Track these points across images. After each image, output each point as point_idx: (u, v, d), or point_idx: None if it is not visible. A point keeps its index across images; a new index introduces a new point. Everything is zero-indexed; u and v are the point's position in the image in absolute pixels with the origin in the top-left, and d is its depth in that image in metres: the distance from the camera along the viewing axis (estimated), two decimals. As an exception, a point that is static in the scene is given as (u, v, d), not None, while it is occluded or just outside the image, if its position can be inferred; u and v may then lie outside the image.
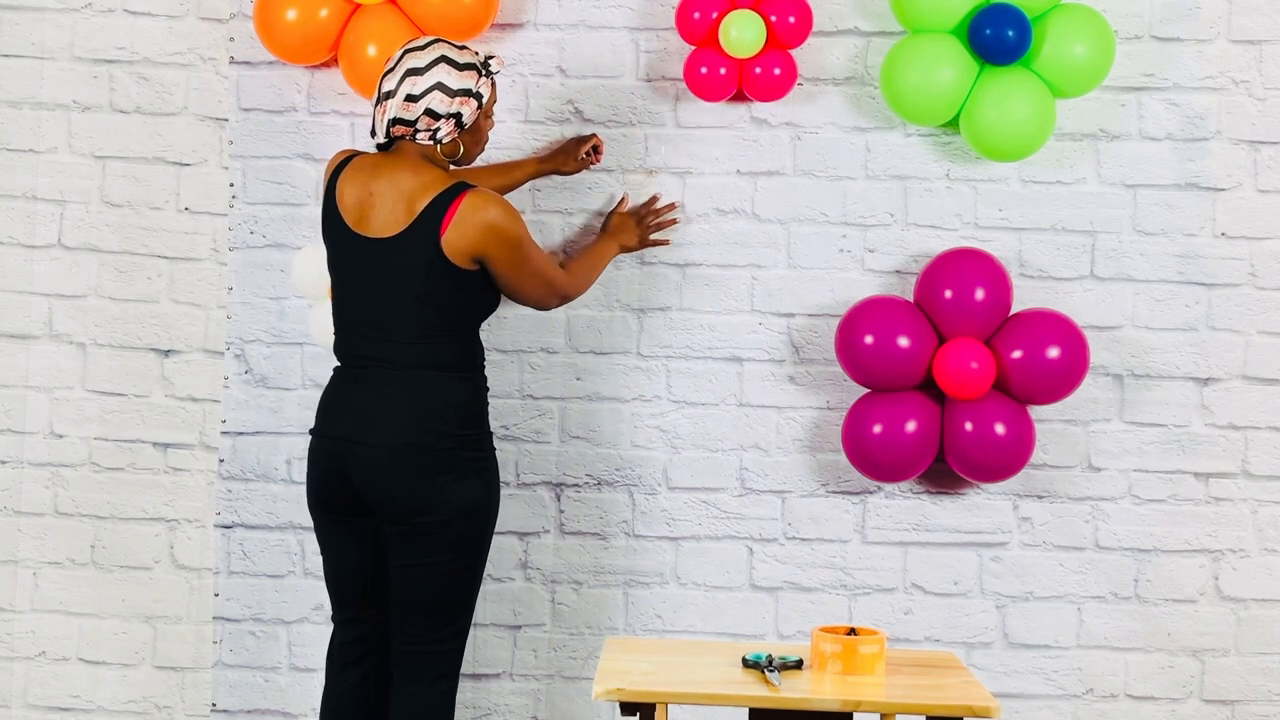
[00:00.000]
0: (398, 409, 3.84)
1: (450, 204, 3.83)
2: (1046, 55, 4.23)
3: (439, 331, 3.87)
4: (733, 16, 4.24)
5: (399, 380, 3.86)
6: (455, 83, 3.87)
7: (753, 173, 4.46)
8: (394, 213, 3.86)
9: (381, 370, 3.87)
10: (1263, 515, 4.46)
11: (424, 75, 3.85)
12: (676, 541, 4.48)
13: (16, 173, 4.51)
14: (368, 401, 3.87)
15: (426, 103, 3.85)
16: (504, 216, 3.85)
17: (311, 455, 3.95)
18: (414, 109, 3.86)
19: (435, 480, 3.83)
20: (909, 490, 4.47)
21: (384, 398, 3.85)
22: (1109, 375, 4.45)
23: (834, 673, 3.55)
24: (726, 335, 4.47)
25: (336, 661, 4.04)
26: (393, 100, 3.86)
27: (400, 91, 3.86)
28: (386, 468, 3.83)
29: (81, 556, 4.54)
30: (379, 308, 3.87)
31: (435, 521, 3.84)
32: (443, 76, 3.86)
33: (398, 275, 3.85)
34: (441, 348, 3.88)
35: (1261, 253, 4.45)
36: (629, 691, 3.43)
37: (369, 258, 3.88)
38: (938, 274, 4.33)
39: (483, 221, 3.83)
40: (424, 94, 3.85)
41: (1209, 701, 4.46)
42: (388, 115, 3.87)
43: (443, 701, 3.93)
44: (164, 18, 4.50)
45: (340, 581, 4.00)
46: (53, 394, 4.53)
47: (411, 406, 3.85)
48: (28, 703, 4.55)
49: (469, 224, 3.82)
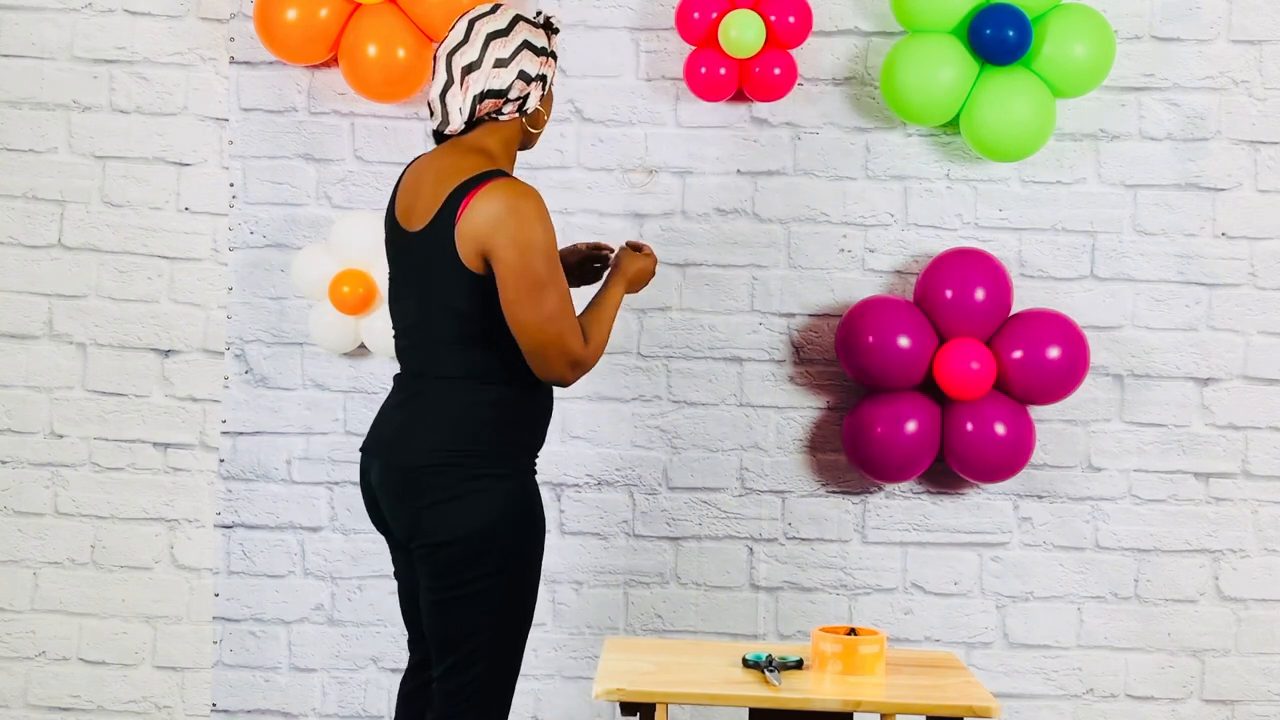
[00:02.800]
0: (399, 421, 3.46)
1: (471, 190, 3.34)
2: (1046, 55, 4.23)
3: (449, 338, 3.41)
4: (732, 16, 4.24)
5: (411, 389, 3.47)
6: (538, 40, 3.47)
7: (753, 173, 4.46)
8: (429, 201, 3.41)
9: (404, 377, 3.51)
10: (1263, 515, 4.46)
11: (509, 36, 3.43)
12: (676, 541, 4.49)
13: (16, 173, 4.52)
14: (383, 412, 3.52)
15: (518, 64, 3.42)
16: (526, 207, 3.31)
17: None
18: (506, 74, 3.42)
19: (418, 501, 3.39)
20: (909, 490, 4.47)
21: (396, 408, 3.48)
22: (1109, 375, 4.46)
23: (834, 673, 3.55)
24: (726, 335, 4.47)
25: (404, 689, 3.67)
26: (478, 72, 3.41)
27: (487, 58, 3.41)
28: (385, 485, 3.46)
29: (81, 556, 4.54)
30: (406, 309, 3.49)
31: (427, 545, 3.39)
32: (527, 34, 3.46)
33: (418, 274, 3.43)
34: (448, 355, 3.42)
35: (1261, 253, 4.45)
36: (629, 691, 3.42)
37: (403, 253, 3.48)
38: (938, 274, 4.33)
39: (497, 208, 3.30)
40: (514, 55, 3.42)
41: (1209, 701, 4.46)
42: (472, 90, 3.42)
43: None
44: (164, 18, 4.50)
45: (400, 600, 3.64)
46: (53, 394, 4.53)
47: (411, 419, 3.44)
48: (28, 703, 4.55)
49: (481, 211, 3.31)
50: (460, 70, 3.43)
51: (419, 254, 3.42)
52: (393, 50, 4.26)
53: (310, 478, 4.48)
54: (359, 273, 4.32)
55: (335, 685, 4.49)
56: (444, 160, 3.45)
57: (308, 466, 4.48)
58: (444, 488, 3.37)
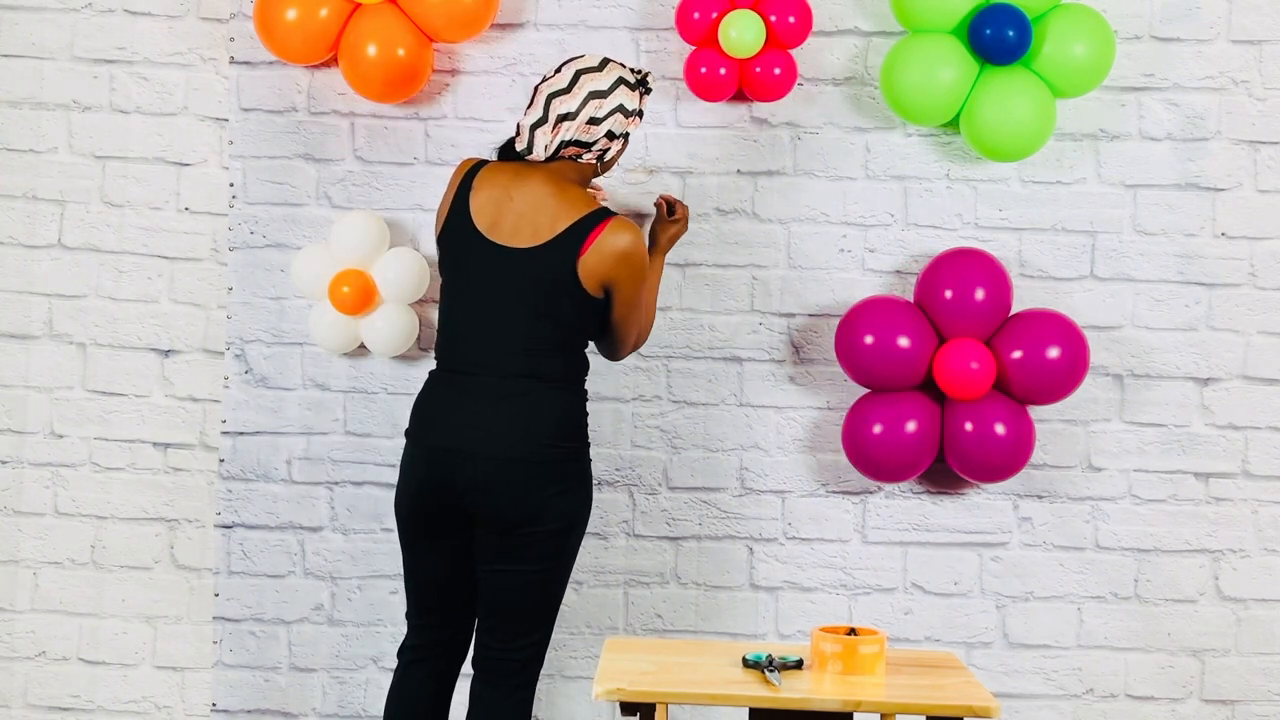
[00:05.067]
0: (504, 419, 3.82)
1: (594, 228, 3.82)
2: (1046, 55, 4.23)
3: (550, 346, 3.85)
4: (732, 16, 4.24)
5: (504, 390, 3.83)
6: (631, 104, 3.92)
7: (753, 173, 4.46)
8: (534, 225, 3.84)
9: (488, 378, 3.85)
10: (1263, 515, 4.46)
11: (607, 99, 3.89)
12: (676, 541, 4.49)
13: (16, 173, 4.51)
14: (474, 410, 3.84)
15: (608, 125, 3.89)
16: (640, 247, 3.87)
17: (410, 462, 3.90)
18: (595, 131, 3.89)
19: (542, 492, 3.81)
20: (909, 490, 4.47)
21: (490, 407, 3.83)
22: (1109, 375, 4.46)
23: (834, 673, 3.55)
24: (726, 335, 4.47)
25: (406, 660, 4.01)
26: (571, 123, 3.87)
27: (582, 114, 3.87)
28: (493, 479, 3.80)
29: (81, 556, 4.54)
30: (494, 315, 3.85)
31: (539, 531, 3.82)
32: (623, 98, 3.91)
33: (523, 287, 3.83)
34: (550, 360, 3.85)
35: (1261, 253, 4.45)
36: (629, 691, 3.43)
37: (496, 265, 3.85)
38: (938, 274, 4.33)
39: (621, 249, 3.83)
40: (606, 117, 3.89)
41: (1209, 701, 4.46)
42: (561, 137, 3.88)
43: (520, 710, 3.91)
44: (164, 18, 4.50)
45: (424, 588, 3.96)
46: (53, 394, 4.53)
47: (517, 417, 3.82)
48: (28, 703, 4.55)
49: (608, 250, 3.82)
50: (556, 115, 3.88)
51: (521, 270, 3.83)
52: (393, 50, 4.26)
53: (310, 478, 4.48)
54: (359, 273, 4.32)
55: (335, 685, 4.49)
56: (539, 186, 3.87)
57: (308, 466, 4.48)
58: (565, 476, 3.85)
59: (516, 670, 3.91)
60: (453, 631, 3.99)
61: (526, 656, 3.91)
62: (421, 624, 3.99)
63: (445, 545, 3.91)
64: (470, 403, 3.84)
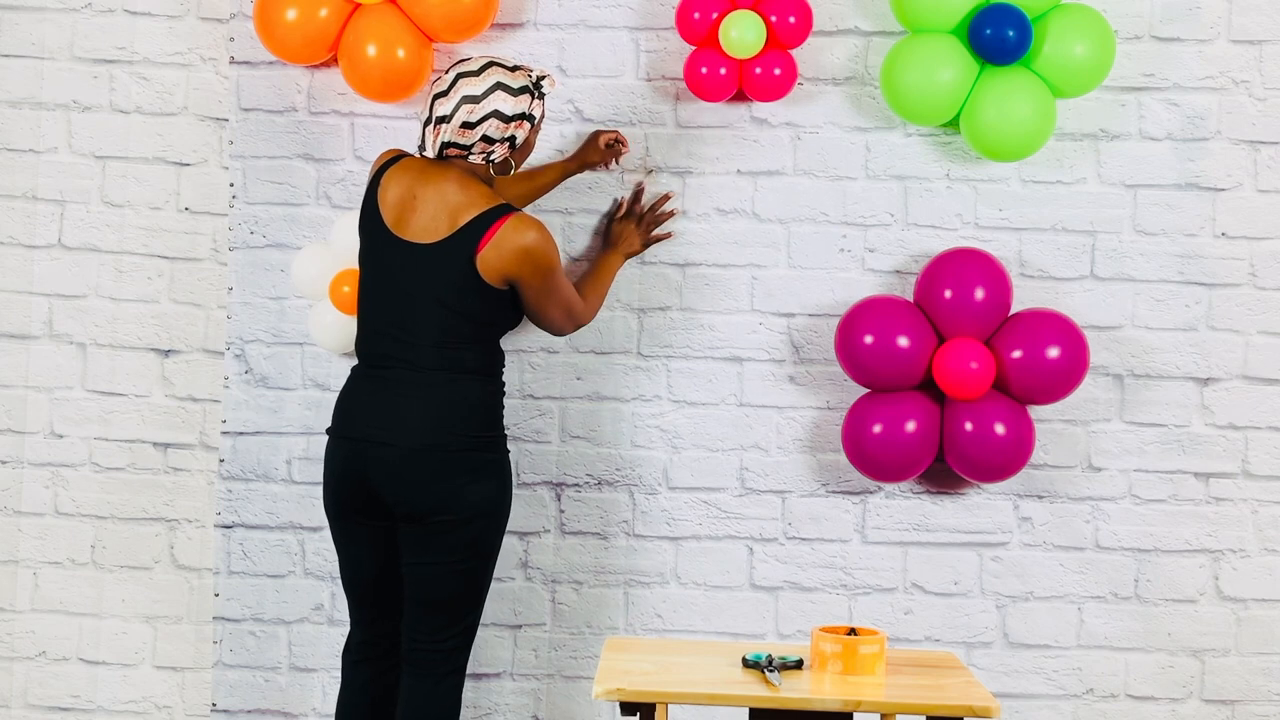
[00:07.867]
0: (416, 409, 3.89)
1: (492, 224, 3.87)
2: (1047, 55, 4.23)
3: (462, 338, 3.92)
4: (733, 17, 4.24)
5: (419, 381, 3.91)
6: (510, 108, 3.91)
7: (753, 173, 4.46)
8: (435, 220, 3.90)
9: (403, 371, 3.92)
10: (1263, 515, 4.46)
11: (480, 103, 3.89)
12: (676, 541, 4.49)
13: (16, 173, 4.52)
14: (388, 401, 3.92)
15: (483, 130, 3.90)
16: (541, 244, 3.89)
17: (328, 455, 3.99)
18: (470, 135, 3.91)
19: (452, 480, 3.88)
20: (909, 490, 4.47)
21: (404, 398, 3.91)
22: (1109, 375, 4.46)
23: (834, 673, 3.55)
24: (726, 335, 4.47)
25: (351, 659, 4.11)
26: (447, 125, 3.90)
27: (456, 118, 3.90)
28: (405, 467, 3.88)
29: (81, 556, 4.54)
30: (406, 310, 3.92)
31: (451, 521, 3.89)
32: (499, 104, 3.90)
33: (428, 281, 3.90)
34: (463, 353, 3.92)
35: (1261, 253, 4.45)
36: (629, 691, 3.43)
37: (402, 260, 3.92)
38: (938, 274, 4.33)
39: (520, 246, 3.87)
40: (480, 121, 3.90)
41: (1209, 701, 4.46)
42: (441, 138, 3.92)
43: (451, 698, 3.98)
44: (164, 18, 4.50)
45: (356, 582, 4.05)
46: (53, 394, 4.53)
47: (429, 407, 3.89)
48: (28, 703, 4.55)
49: (506, 246, 3.87)
50: (435, 116, 3.93)
51: (427, 265, 3.89)
52: (393, 50, 4.26)
53: (310, 478, 4.48)
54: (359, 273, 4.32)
55: (335, 685, 4.49)
56: (442, 184, 3.92)
57: (308, 466, 4.48)
58: (477, 466, 3.90)
59: (443, 660, 3.98)
60: (391, 625, 4.07)
61: (452, 646, 3.98)
62: (359, 620, 4.08)
63: (371, 539, 3.99)
64: (386, 395, 3.92)
